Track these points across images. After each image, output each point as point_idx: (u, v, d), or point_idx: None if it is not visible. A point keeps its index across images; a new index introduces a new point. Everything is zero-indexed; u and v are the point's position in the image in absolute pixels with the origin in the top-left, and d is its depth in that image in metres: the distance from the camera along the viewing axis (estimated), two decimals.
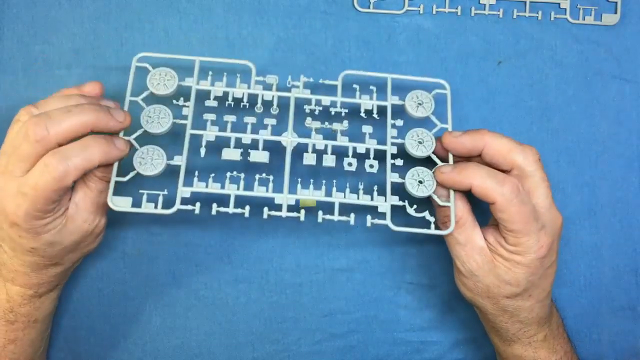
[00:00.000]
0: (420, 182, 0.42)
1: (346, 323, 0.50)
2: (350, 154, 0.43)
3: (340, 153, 0.43)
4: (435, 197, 0.42)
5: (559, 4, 0.49)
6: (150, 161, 0.41)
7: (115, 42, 0.48)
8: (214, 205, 0.41)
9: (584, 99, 0.50)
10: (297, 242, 0.50)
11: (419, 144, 0.43)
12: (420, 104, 0.44)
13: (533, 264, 0.40)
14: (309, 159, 0.43)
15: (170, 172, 0.42)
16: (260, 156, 0.42)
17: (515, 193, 0.39)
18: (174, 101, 0.43)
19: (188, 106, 0.43)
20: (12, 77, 0.47)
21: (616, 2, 0.49)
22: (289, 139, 0.43)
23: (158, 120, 0.42)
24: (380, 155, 0.43)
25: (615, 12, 0.49)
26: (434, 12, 0.49)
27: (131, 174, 0.41)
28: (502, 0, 0.49)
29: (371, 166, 0.43)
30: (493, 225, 0.42)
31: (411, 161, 0.43)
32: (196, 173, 0.42)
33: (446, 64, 0.49)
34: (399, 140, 0.43)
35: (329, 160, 0.43)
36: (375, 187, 0.43)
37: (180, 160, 0.42)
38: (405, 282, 0.50)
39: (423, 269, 0.50)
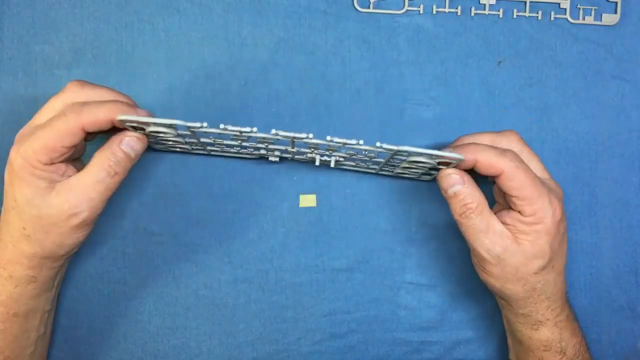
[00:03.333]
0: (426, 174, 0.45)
1: (346, 323, 0.50)
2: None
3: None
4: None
5: (559, 4, 0.49)
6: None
7: (115, 42, 0.48)
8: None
9: (584, 99, 0.50)
10: (297, 242, 0.50)
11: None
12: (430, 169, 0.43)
13: (552, 229, 0.41)
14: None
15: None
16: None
17: (518, 160, 0.40)
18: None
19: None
20: (12, 77, 0.47)
21: (616, 2, 0.49)
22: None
23: None
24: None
25: (615, 12, 0.49)
26: (434, 12, 0.49)
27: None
28: (502, 0, 0.49)
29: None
30: (503, 209, 0.42)
31: None
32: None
33: (446, 63, 0.49)
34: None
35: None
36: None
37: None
38: (405, 282, 0.50)
39: (423, 269, 0.50)
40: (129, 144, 0.41)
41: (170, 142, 0.44)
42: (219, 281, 0.49)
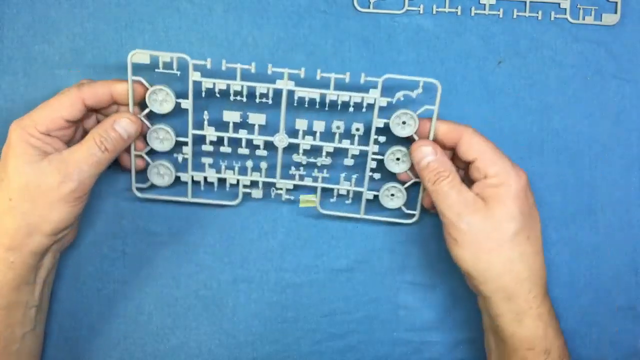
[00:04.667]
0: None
1: (346, 323, 0.50)
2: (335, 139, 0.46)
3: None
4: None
5: (559, 3, 0.49)
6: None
7: (115, 42, 0.48)
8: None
9: (584, 99, 0.50)
10: (297, 242, 0.50)
11: (403, 123, 0.45)
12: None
13: (520, 193, 0.42)
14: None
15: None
16: (258, 118, 0.45)
17: (477, 131, 0.44)
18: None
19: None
20: (12, 77, 0.47)
21: (616, 2, 0.49)
22: (282, 139, 0.46)
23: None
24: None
25: (616, 12, 0.49)
26: (434, 12, 0.49)
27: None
28: (502, 0, 0.49)
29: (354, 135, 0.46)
30: (470, 182, 0.44)
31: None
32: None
33: (446, 63, 0.49)
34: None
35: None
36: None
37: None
38: (405, 282, 0.50)
39: (423, 269, 0.50)
40: (122, 124, 0.43)
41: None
42: (219, 281, 0.49)
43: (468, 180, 0.44)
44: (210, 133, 0.46)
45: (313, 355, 0.50)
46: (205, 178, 0.47)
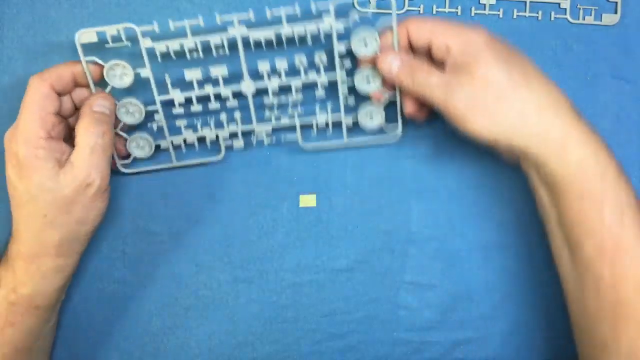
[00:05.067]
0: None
1: (346, 323, 0.50)
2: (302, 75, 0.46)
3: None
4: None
5: (559, 4, 0.49)
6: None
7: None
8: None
9: (584, 99, 0.50)
10: (297, 242, 0.50)
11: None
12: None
13: (490, 44, 0.40)
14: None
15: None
16: (220, 70, 0.45)
17: (419, 16, 0.45)
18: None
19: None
20: (12, 77, 0.47)
21: (616, 2, 0.49)
22: (248, 85, 0.46)
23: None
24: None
25: (616, 12, 0.49)
26: (434, 12, 0.49)
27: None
28: (502, 0, 0.49)
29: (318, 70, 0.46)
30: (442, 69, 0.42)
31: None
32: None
33: None
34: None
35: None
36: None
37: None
38: (405, 282, 0.50)
39: (423, 269, 0.50)
40: (98, 104, 0.43)
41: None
42: (219, 281, 0.49)
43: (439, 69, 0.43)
44: (177, 95, 0.46)
45: (313, 355, 0.50)
46: (184, 140, 0.47)
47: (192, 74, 0.45)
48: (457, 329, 0.51)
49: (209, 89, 0.46)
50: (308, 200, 0.49)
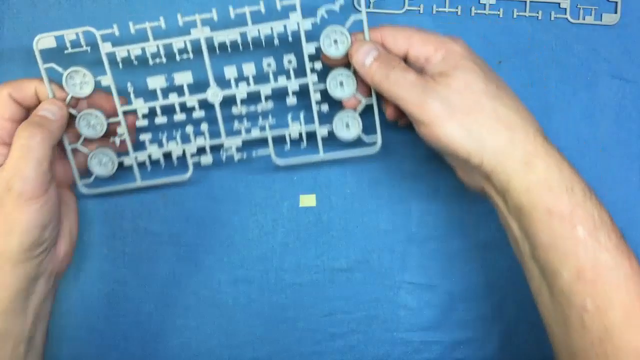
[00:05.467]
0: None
1: (346, 323, 0.50)
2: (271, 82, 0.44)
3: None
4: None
5: (559, 3, 0.49)
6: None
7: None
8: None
9: (584, 99, 0.50)
10: (297, 242, 0.50)
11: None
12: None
13: (466, 54, 0.40)
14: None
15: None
16: (184, 77, 0.43)
17: (396, 25, 0.42)
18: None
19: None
20: (12, 77, 0.47)
21: (616, 2, 0.49)
22: (215, 93, 0.44)
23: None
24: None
25: (616, 12, 0.49)
26: (433, 12, 0.49)
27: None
28: (502, 0, 0.49)
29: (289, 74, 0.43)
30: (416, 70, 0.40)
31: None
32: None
33: None
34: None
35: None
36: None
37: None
38: (405, 282, 0.50)
39: (423, 269, 0.50)
40: (43, 108, 0.41)
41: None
42: (219, 281, 0.49)
43: None
44: (140, 105, 0.44)
45: (313, 355, 0.50)
46: (149, 156, 0.45)
47: (155, 82, 0.43)
48: (457, 329, 0.51)
49: (173, 98, 0.43)
50: (308, 200, 0.49)
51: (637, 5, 0.49)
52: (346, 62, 0.43)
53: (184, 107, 0.44)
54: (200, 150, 0.45)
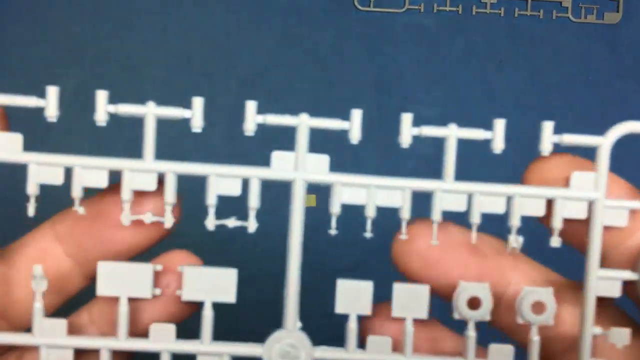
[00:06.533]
0: None
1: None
2: None
3: None
4: None
5: (561, 2, 0.49)
6: None
7: (115, 42, 0.48)
8: None
9: (586, 98, 0.49)
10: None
11: None
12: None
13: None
14: None
15: None
16: None
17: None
18: None
19: None
20: (12, 77, 0.47)
21: (618, 1, 0.49)
22: None
23: None
24: None
25: (617, 11, 0.49)
26: (434, 11, 0.49)
27: None
28: None
29: None
30: None
31: None
32: None
33: (447, 62, 0.49)
34: None
35: None
36: None
37: None
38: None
39: None
40: None
41: None
42: None
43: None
44: None
45: None
46: None
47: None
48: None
49: None
50: (308, 200, 0.49)
51: (638, 4, 0.49)
52: None
53: None
54: None
